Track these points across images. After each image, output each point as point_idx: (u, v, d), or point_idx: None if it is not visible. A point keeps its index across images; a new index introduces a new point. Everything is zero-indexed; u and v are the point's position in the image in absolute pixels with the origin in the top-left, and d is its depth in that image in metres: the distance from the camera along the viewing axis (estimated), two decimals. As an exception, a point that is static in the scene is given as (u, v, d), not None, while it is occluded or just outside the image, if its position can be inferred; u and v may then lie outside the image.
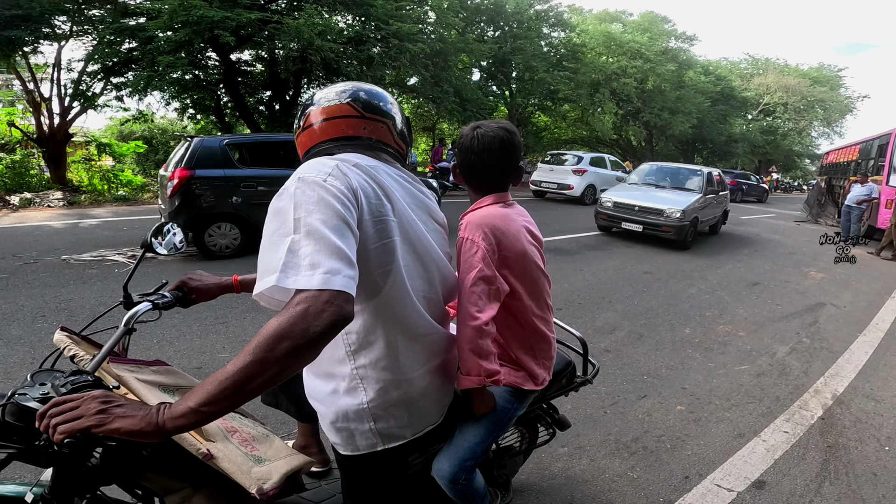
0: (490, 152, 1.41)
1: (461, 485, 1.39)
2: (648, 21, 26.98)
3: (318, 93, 1.24)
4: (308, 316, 0.82)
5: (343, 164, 1.06)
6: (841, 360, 4.19)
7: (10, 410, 0.91)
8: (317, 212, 0.93)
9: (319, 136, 1.20)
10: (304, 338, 0.81)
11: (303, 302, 0.83)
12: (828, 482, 2.54)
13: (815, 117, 34.87)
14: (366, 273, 1.02)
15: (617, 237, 9.31)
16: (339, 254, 0.89)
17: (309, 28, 10.41)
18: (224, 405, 0.82)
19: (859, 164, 14.11)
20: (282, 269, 0.86)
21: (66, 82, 11.43)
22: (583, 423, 2.90)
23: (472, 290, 1.28)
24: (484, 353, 1.28)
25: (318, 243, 0.89)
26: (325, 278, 0.85)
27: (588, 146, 29.16)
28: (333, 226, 0.92)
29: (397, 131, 1.25)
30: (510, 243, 1.35)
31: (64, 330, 1.22)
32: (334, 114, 1.19)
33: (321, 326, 0.83)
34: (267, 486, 1.04)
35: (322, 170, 1.02)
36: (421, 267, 1.16)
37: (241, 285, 1.49)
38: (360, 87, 1.23)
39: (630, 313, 4.98)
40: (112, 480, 1.05)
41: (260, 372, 0.81)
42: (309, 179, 0.99)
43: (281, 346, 0.80)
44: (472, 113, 16.41)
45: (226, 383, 0.81)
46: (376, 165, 1.15)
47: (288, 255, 0.88)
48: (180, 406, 0.82)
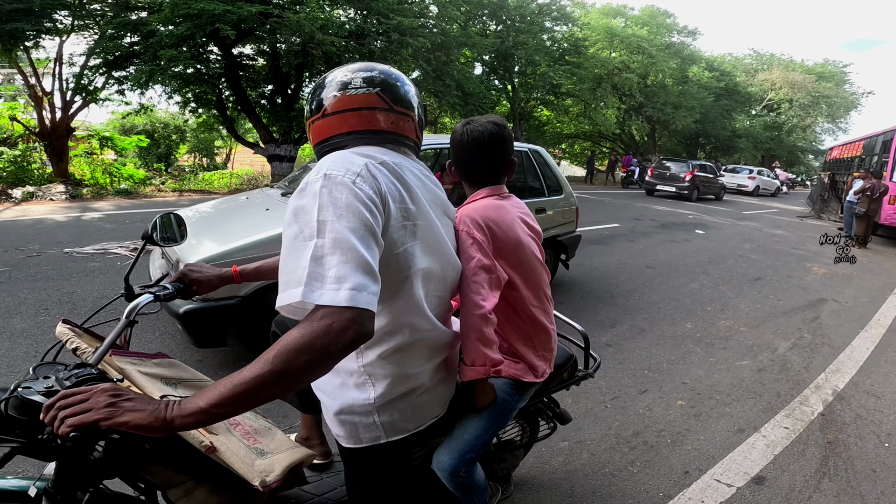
0: (480, 145, 1.43)
1: (461, 478, 1.40)
2: (649, 15, 26.84)
3: (338, 75, 1.15)
4: (331, 332, 0.82)
5: (372, 164, 1.02)
6: (842, 356, 4.19)
7: (13, 404, 0.90)
8: (345, 218, 0.90)
9: (341, 127, 1.13)
10: (325, 354, 0.82)
11: (327, 317, 0.82)
12: (827, 478, 2.54)
13: (819, 113, 34.70)
14: (386, 278, 1.00)
15: (618, 232, 9.30)
16: (366, 268, 0.87)
17: (310, 22, 10.38)
18: (235, 408, 0.83)
19: (863, 161, 14.05)
20: (306, 281, 0.85)
21: (68, 76, 11.43)
22: (583, 417, 2.91)
23: (474, 279, 1.29)
24: (489, 342, 1.29)
25: (345, 254, 0.87)
26: (352, 294, 0.84)
27: (591, 141, 29.14)
28: (361, 235, 0.90)
29: (416, 122, 1.21)
30: (504, 233, 1.37)
31: (66, 323, 1.23)
32: (361, 104, 1.12)
33: (342, 344, 0.83)
34: (270, 479, 1.05)
35: (351, 169, 0.98)
36: (438, 267, 1.16)
37: (241, 275, 1.49)
38: (385, 71, 1.16)
39: (631, 308, 4.98)
40: (115, 474, 1.05)
41: (276, 382, 0.81)
42: (337, 179, 0.95)
43: (300, 360, 0.81)
44: (475, 107, 16.37)
45: (240, 388, 0.81)
46: (400, 162, 1.12)
47: (312, 265, 0.86)
48: (190, 404, 0.82)
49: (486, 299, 1.28)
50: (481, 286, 1.29)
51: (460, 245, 1.33)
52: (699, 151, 33.56)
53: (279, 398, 0.85)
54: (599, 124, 23.97)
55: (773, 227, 12.41)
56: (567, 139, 28.94)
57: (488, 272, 1.31)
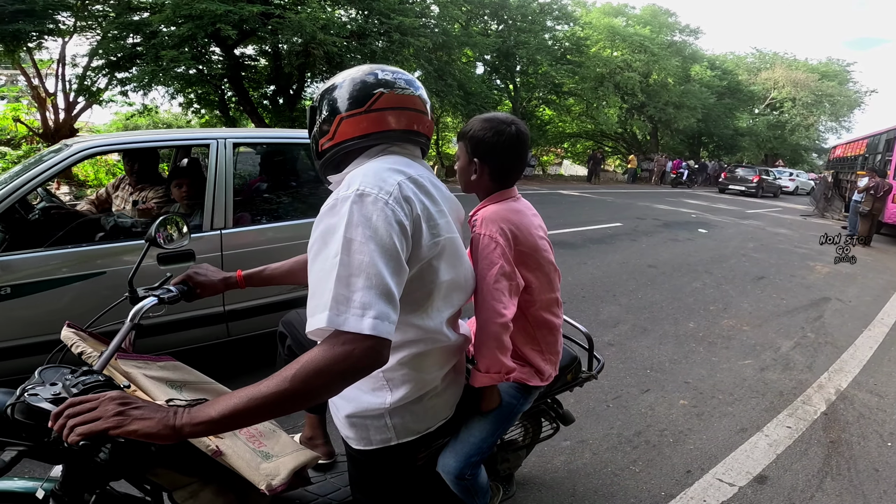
0: (524, 144, 1.41)
1: (466, 480, 1.41)
2: (650, 14, 26.80)
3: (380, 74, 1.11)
4: (351, 358, 0.83)
5: (405, 184, 1.01)
6: (845, 355, 4.18)
7: (19, 409, 0.91)
8: (374, 241, 0.90)
9: (386, 125, 1.10)
10: (340, 378, 0.84)
11: (349, 343, 0.84)
12: (829, 477, 2.54)
13: (822, 112, 34.60)
14: (409, 293, 1.00)
15: (620, 231, 9.30)
16: (390, 297, 0.88)
17: (311, 22, 10.41)
18: (247, 421, 0.84)
19: (866, 159, 14.01)
20: (331, 305, 0.85)
21: (71, 77, 11.48)
22: (585, 416, 2.91)
23: (496, 286, 1.28)
24: (506, 349, 1.30)
25: (371, 279, 0.87)
26: (375, 324, 0.85)
27: (593, 140, 29.09)
28: (387, 262, 0.90)
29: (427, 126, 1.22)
30: (524, 238, 1.36)
31: (70, 326, 1.23)
32: (406, 104, 1.11)
33: (358, 370, 0.85)
34: (275, 483, 1.06)
35: (384, 188, 0.96)
36: (459, 277, 1.17)
37: (245, 280, 1.49)
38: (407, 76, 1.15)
39: (634, 307, 4.98)
40: (121, 476, 1.06)
41: (291, 399, 0.83)
42: (370, 198, 0.93)
43: (318, 382, 0.83)
44: (477, 107, 16.39)
45: (256, 402, 0.82)
46: (423, 174, 1.12)
47: (338, 286, 0.86)
48: (202, 413, 0.83)
49: (507, 307, 1.28)
50: (503, 294, 1.28)
51: (481, 250, 1.32)
52: (702, 150, 33.47)
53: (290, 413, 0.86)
54: (601, 123, 23.92)
55: (776, 226, 12.38)
56: (569, 138, 28.88)
57: (509, 279, 1.30)
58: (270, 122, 13.54)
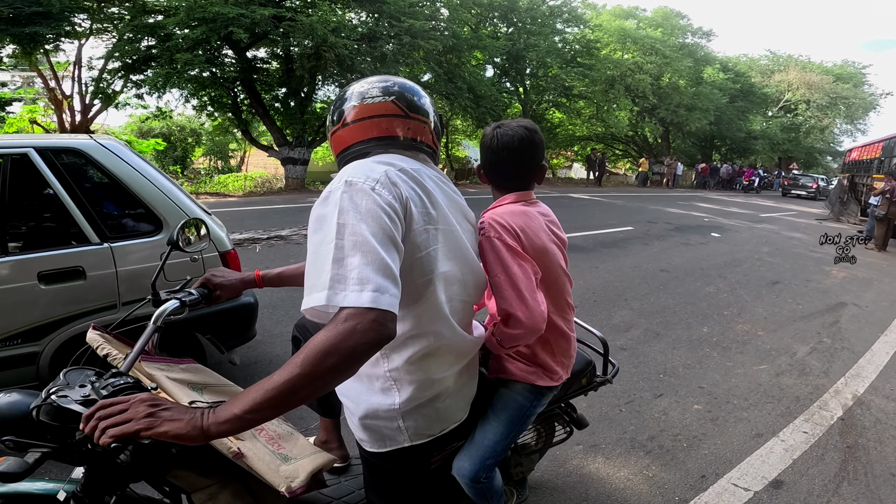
0: (510, 150, 1.42)
1: (482, 483, 1.41)
2: (662, 16, 26.65)
3: (356, 87, 1.19)
4: (355, 333, 0.84)
5: (392, 171, 1.04)
6: (862, 360, 4.13)
7: (45, 410, 0.92)
8: (365, 222, 0.92)
9: (360, 135, 1.16)
10: (351, 355, 0.84)
11: (351, 318, 0.84)
12: (846, 482, 2.51)
13: (837, 114, 34.21)
14: (409, 282, 1.02)
15: (632, 235, 9.25)
16: (387, 271, 0.89)
17: (322, 25, 10.49)
18: (268, 413, 0.85)
19: (882, 162, 13.83)
20: (330, 284, 0.87)
21: (87, 80, 11.66)
22: (598, 421, 2.90)
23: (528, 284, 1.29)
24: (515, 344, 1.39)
25: (367, 256, 0.89)
26: (374, 296, 0.86)
27: (603, 142, 28.95)
28: (381, 239, 0.92)
29: (432, 129, 1.24)
30: (530, 239, 1.36)
31: (96, 329, 1.25)
32: (378, 112, 1.15)
33: (367, 345, 0.85)
34: (295, 485, 1.07)
35: (371, 176, 1.00)
36: (459, 272, 1.17)
37: (264, 280, 1.51)
38: (401, 83, 1.20)
39: (646, 311, 4.95)
40: (141, 477, 1.07)
41: (305, 385, 0.83)
42: (357, 185, 0.97)
43: (328, 362, 0.82)
44: (486, 109, 16.39)
45: (271, 393, 0.82)
46: (419, 168, 1.14)
47: (334, 267, 0.88)
48: (225, 412, 0.84)
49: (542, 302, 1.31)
50: (535, 290, 1.31)
51: (490, 251, 1.32)
52: (714, 153, 33.18)
53: (310, 401, 0.87)
54: (612, 126, 23.79)
55: (790, 230, 12.25)
56: (579, 141, 28.77)
57: (535, 272, 1.33)
58: (282, 124, 13.65)
